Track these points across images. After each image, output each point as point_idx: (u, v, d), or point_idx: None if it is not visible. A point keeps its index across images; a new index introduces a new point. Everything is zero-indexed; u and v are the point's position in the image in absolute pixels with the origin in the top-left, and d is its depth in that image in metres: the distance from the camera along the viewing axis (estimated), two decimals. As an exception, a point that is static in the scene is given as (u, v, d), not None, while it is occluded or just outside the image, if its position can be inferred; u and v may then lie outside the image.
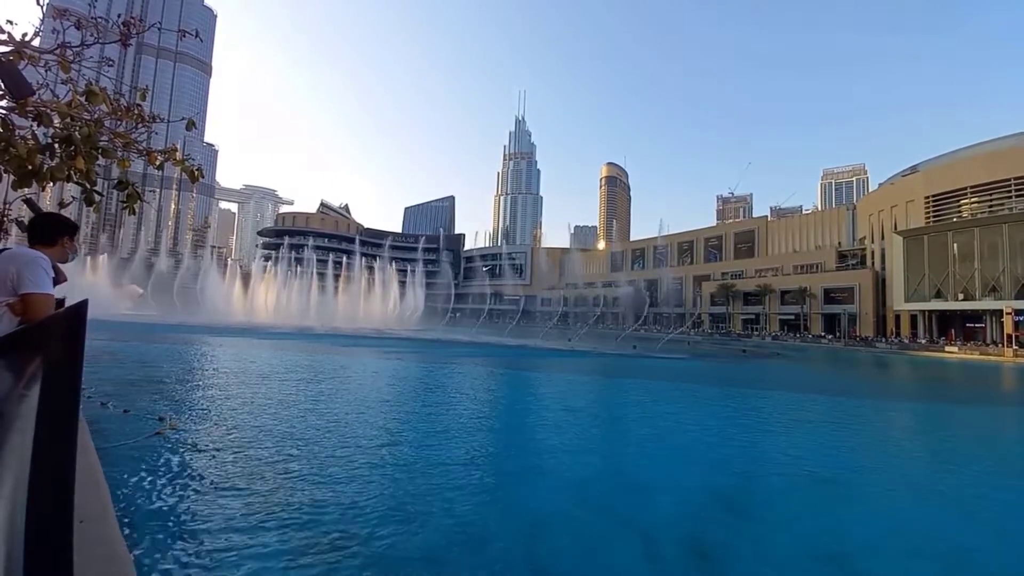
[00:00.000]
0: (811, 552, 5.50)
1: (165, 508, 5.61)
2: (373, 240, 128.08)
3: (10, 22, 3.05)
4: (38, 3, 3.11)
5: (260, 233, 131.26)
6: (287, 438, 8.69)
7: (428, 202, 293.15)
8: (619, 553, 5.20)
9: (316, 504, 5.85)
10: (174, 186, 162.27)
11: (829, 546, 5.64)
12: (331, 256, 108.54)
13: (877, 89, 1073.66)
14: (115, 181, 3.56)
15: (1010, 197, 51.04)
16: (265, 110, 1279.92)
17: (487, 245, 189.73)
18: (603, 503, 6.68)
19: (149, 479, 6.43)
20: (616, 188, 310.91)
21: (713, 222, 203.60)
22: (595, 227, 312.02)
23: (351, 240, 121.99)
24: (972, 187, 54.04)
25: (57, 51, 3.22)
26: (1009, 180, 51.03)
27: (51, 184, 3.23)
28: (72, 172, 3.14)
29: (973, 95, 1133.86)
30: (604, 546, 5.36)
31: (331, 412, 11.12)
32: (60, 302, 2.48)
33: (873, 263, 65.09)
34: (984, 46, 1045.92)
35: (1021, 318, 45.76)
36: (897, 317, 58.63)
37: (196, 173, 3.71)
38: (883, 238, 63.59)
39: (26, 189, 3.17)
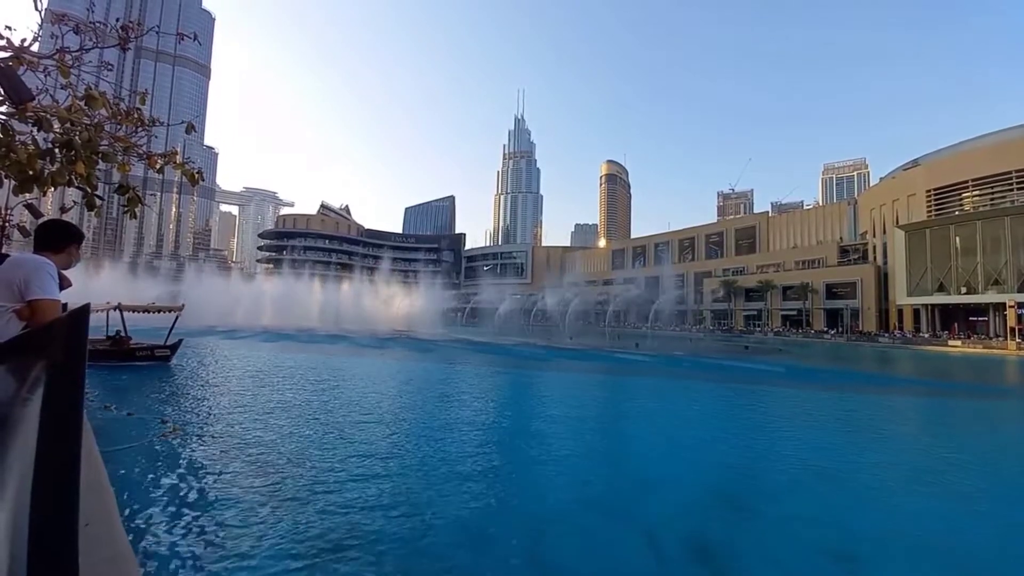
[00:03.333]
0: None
1: (169, 511, 5.63)
2: (374, 241, 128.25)
3: (9, 27, 3.06)
4: (36, 8, 3.11)
5: (261, 235, 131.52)
6: (291, 440, 8.70)
7: (428, 202, 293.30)
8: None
9: (321, 506, 5.86)
10: (175, 189, 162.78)
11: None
12: (333, 257, 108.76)
13: (878, 84, 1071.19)
14: (116, 185, 3.57)
15: (1012, 190, 50.90)
16: (265, 111, 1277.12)
17: (488, 244, 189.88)
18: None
19: (153, 482, 6.46)
20: (616, 186, 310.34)
21: (714, 218, 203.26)
22: (595, 225, 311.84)
23: (352, 241, 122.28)
24: (974, 180, 53.90)
25: (56, 56, 3.22)
26: (1011, 173, 50.92)
27: (52, 189, 3.24)
28: (73, 177, 3.15)
29: (975, 90, 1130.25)
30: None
31: (334, 414, 11.12)
32: (63, 306, 2.50)
33: (875, 258, 64.98)
34: (986, 41, 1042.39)
35: (1024, 311, 45.66)
36: (900, 311, 58.50)
37: (196, 176, 3.71)
38: (885, 232, 63.46)
39: (27, 194, 3.18)
